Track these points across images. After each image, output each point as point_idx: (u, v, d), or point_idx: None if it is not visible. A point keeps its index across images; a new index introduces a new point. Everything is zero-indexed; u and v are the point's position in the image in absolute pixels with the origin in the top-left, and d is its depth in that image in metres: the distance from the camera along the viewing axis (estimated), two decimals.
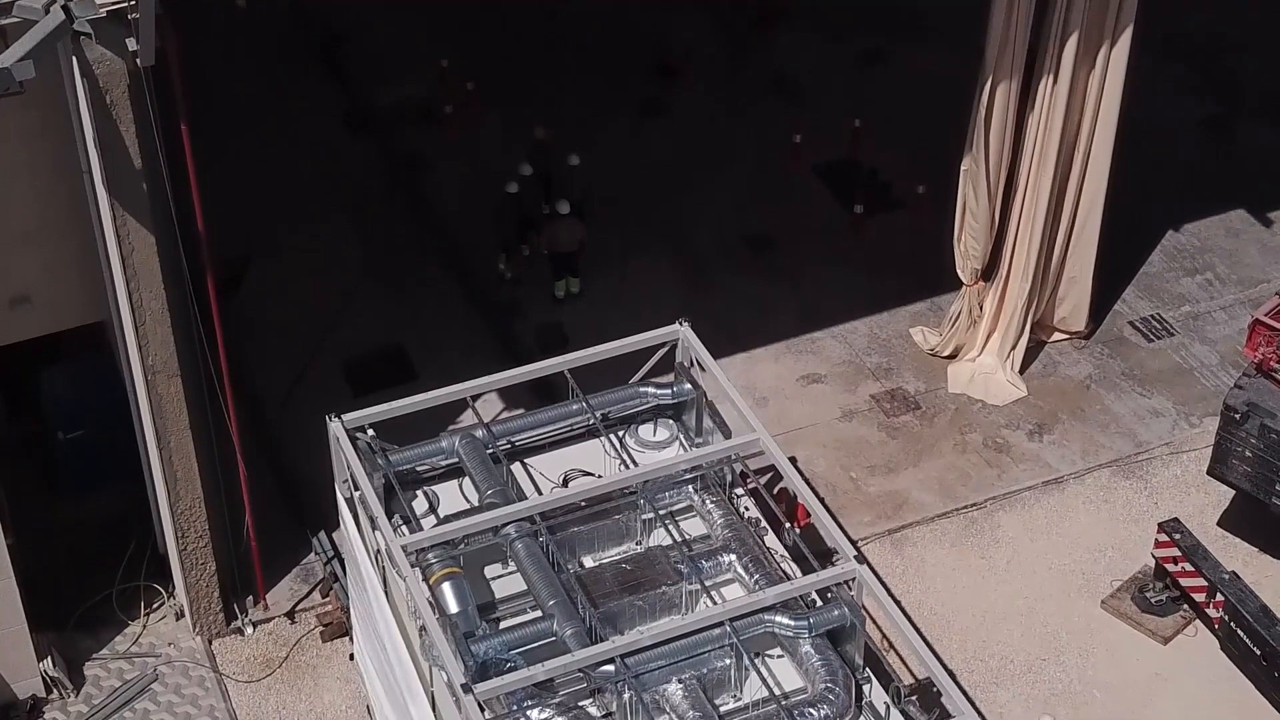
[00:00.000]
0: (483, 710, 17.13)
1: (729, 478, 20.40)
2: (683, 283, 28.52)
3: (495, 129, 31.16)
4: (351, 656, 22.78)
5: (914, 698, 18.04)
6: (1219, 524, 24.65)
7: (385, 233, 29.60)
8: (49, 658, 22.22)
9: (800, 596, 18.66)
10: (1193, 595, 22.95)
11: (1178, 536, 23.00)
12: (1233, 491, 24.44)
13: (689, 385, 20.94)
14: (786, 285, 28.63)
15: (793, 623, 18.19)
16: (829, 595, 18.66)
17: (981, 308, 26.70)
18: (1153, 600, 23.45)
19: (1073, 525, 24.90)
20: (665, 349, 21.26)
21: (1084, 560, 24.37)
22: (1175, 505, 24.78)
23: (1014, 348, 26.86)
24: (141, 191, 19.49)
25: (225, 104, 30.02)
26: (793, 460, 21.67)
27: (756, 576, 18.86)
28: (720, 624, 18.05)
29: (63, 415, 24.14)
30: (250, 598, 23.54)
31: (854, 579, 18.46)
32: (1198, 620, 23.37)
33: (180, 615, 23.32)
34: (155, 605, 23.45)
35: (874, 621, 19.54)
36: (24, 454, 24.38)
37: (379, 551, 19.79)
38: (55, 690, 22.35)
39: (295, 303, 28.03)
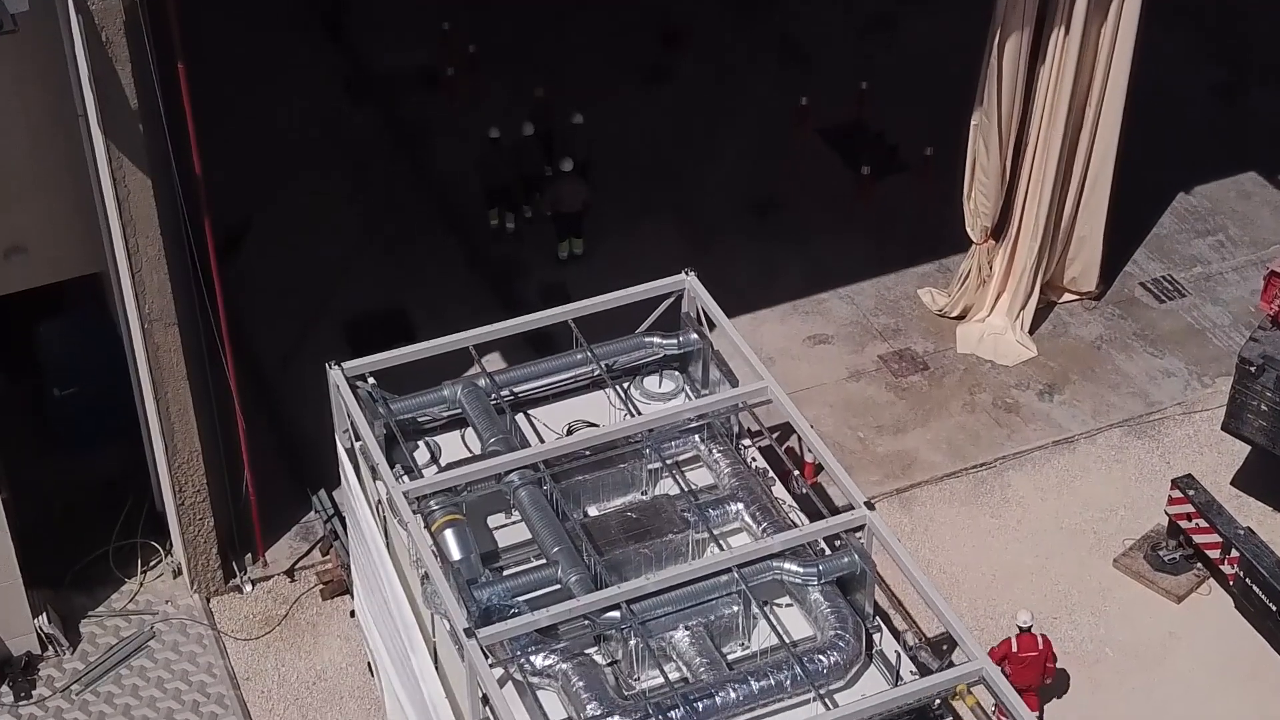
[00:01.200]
0: (486, 656, 16.76)
1: (736, 428, 20.06)
2: (688, 244, 28.11)
3: (497, 93, 30.75)
4: (352, 613, 22.41)
5: (925, 646, 17.68)
6: (1232, 483, 24.29)
7: (386, 196, 29.25)
8: (44, 614, 21.87)
9: (809, 545, 18.30)
10: (1207, 552, 22.58)
11: (1191, 493, 22.64)
12: (1246, 451, 24.16)
13: (695, 335, 20.58)
14: (792, 247, 28.27)
15: (801, 570, 17.81)
16: (838, 543, 18.30)
17: (991, 267, 26.34)
18: (1166, 559, 23.09)
19: (1084, 485, 24.55)
20: (671, 299, 20.90)
21: (1095, 519, 24.01)
22: (1188, 464, 24.38)
23: (1024, 307, 26.49)
24: (138, 132, 19.12)
25: (226, 69, 29.63)
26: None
27: (764, 525, 18.48)
28: (728, 570, 17.68)
29: (58, 371, 23.80)
30: (249, 555, 23.18)
31: (864, 526, 18.09)
32: (1212, 579, 23.02)
33: (178, 573, 22.96)
34: (152, 563, 23.12)
35: (882, 581, 19.07)
36: (19, 410, 24.04)
37: (380, 502, 19.43)
38: (51, 647, 22.00)
39: (295, 266, 27.68)
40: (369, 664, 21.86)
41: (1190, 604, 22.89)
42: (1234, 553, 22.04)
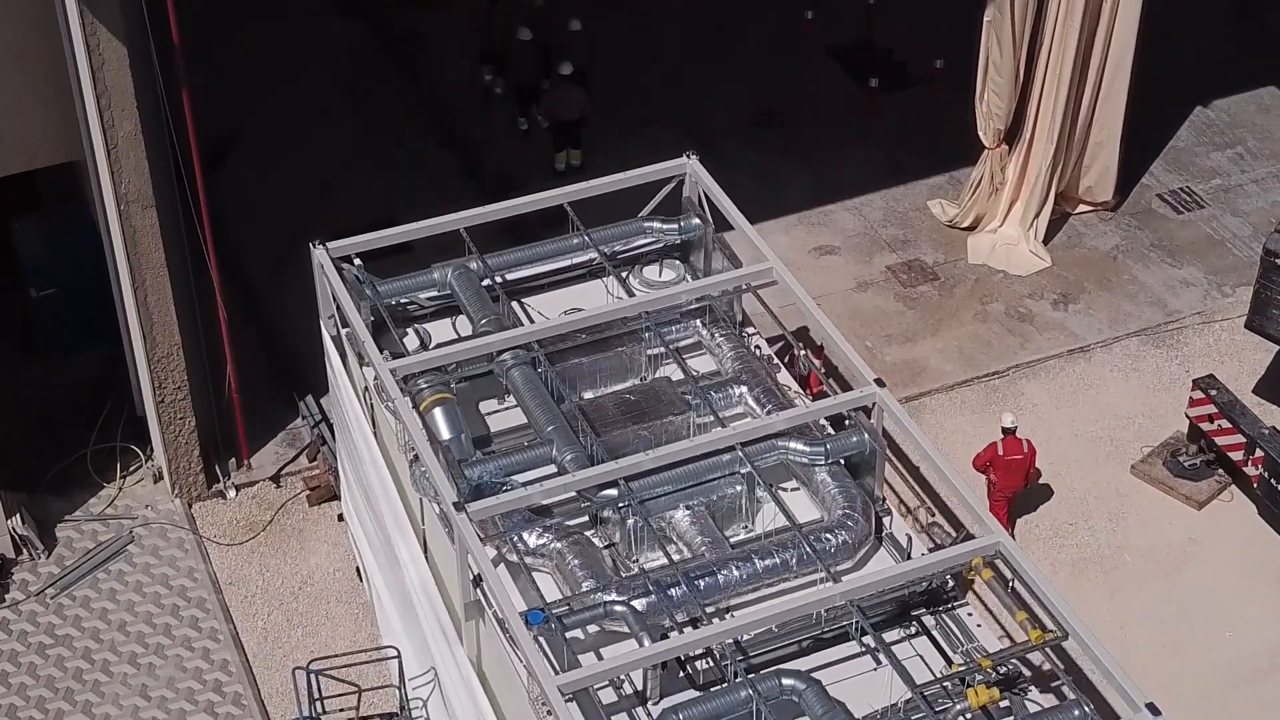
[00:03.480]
0: (477, 534, 15.87)
1: (740, 317, 19.22)
2: None
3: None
4: (340, 517, 21.56)
5: (938, 524, 16.83)
6: (1254, 391, 23.42)
7: (378, 110, 28.37)
8: (17, 515, 21.01)
9: (817, 427, 17.45)
10: (1229, 454, 21.69)
11: (1214, 393, 21.76)
12: (1268, 359, 23.37)
13: (696, 221, 19.71)
14: (798, 160, 27.40)
15: (808, 449, 16.94)
16: (847, 424, 17.43)
17: (1004, 174, 25.43)
18: (1186, 464, 22.20)
19: (1100, 393, 23.69)
20: (672, 184, 20.06)
21: (1112, 427, 23.16)
22: (1208, 373, 23.46)
23: (1037, 216, 25.60)
24: None
25: None
26: (804, 329, 20.55)
27: (769, 408, 17.61)
28: (731, 449, 16.79)
29: (36, 272, 22.94)
30: (233, 460, 22.30)
31: (874, 404, 17.22)
32: (1234, 486, 22.15)
33: (158, 478, 22.10)
34: (132, 468, 22.24)
35: (893, 461, 18.13)
36: None
37: (367, 389, 18.56)
38: (25, 550, 21.15)
39: (284, 178, 26.80)
40: (357, 569, 21.00)
41: (1212, 510, 22.02)
42: (1258, 452, 21.15)
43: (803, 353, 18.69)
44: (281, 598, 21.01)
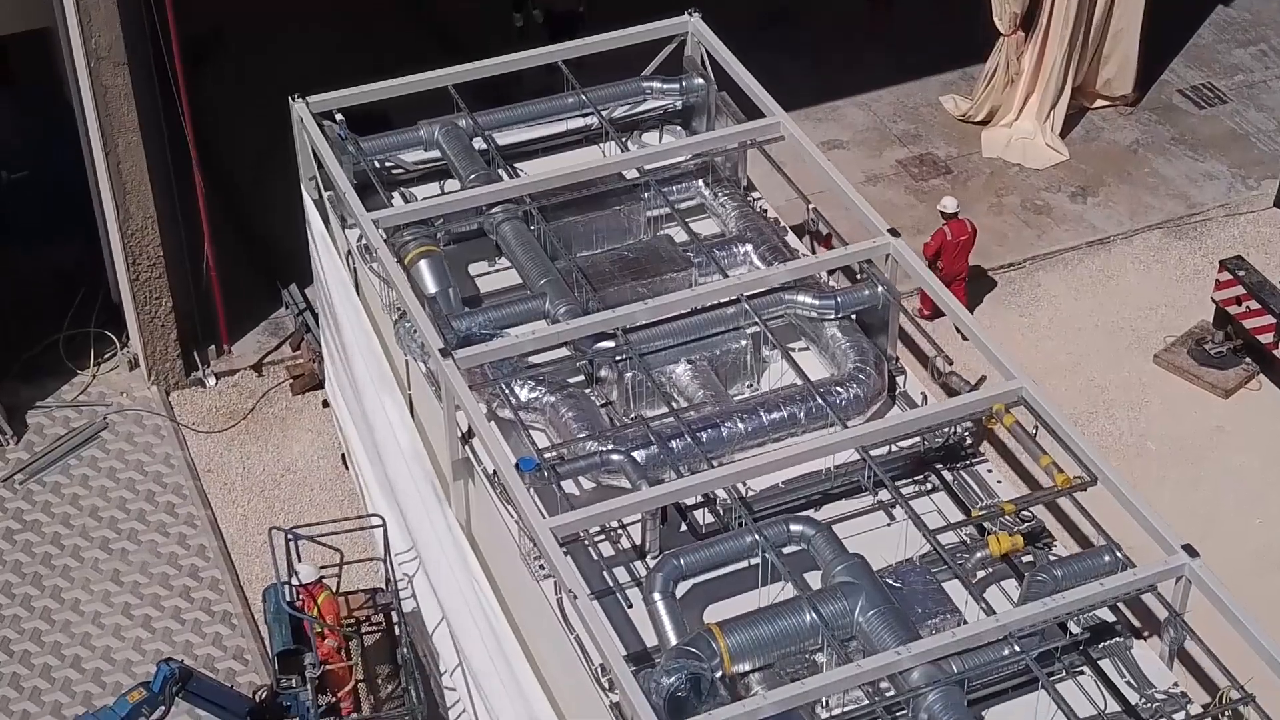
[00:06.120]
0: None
1: (745, 181, 18.22)
2: None
3: None
4: (325, 404, 20.54)
5: (955, 373, 15.83)
6: None
7: (365, 10, 27.31)
8: None
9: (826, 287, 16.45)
10: (1258, 337, 20.68)
11: (1241, 274, 20.77)
12: None
13: (699, 81, 18.69)
14: (805, 58, 26.28)
15: (817, 302, 15.94)
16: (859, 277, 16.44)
17: (1020, 63, 24.38)
18: (1212, 352, 21.20)
19: (1121, 284, 22.69)
20: (673, 45, 19.04)
21: (1134, 318, 22.17)
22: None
23: (1054, 108, 24.58)
24: None
25: None
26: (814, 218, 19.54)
27: (775, 265, 16.59)
28: (735, 301, 15.77)
29: (8, 153, 21.92)
30: (212, 347, 21.28)
31: (888, 255, 16.22)
32: (1262, 375, 21.13)
33: (134, 365, 21.08)
34: (107, 355, 21.22)
35: (907, 313, 16.86)
36: None
37: (350, 252, 17.53)
38: None
39: (267, 76, 25.61)
40: (342, 456, 20.01)
41: (1239, 399, 21.03)
42: None
43: (811, 206, 17.67)
44: (262, 485, 20.02)
